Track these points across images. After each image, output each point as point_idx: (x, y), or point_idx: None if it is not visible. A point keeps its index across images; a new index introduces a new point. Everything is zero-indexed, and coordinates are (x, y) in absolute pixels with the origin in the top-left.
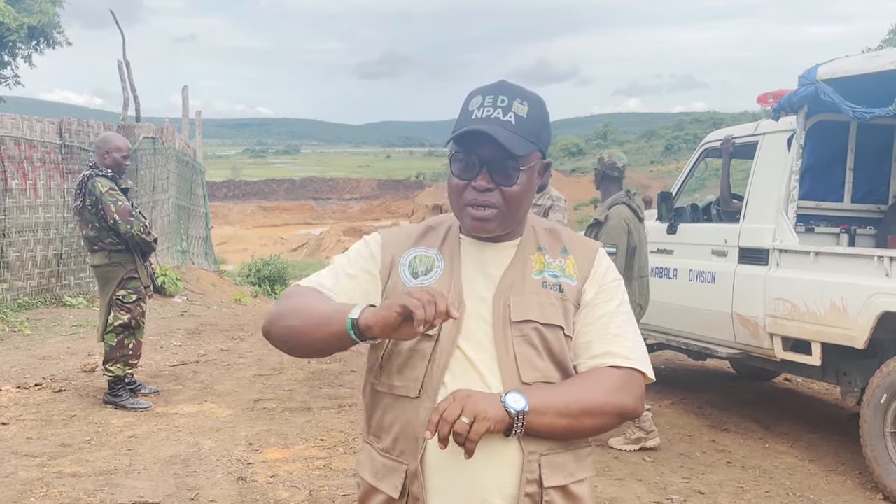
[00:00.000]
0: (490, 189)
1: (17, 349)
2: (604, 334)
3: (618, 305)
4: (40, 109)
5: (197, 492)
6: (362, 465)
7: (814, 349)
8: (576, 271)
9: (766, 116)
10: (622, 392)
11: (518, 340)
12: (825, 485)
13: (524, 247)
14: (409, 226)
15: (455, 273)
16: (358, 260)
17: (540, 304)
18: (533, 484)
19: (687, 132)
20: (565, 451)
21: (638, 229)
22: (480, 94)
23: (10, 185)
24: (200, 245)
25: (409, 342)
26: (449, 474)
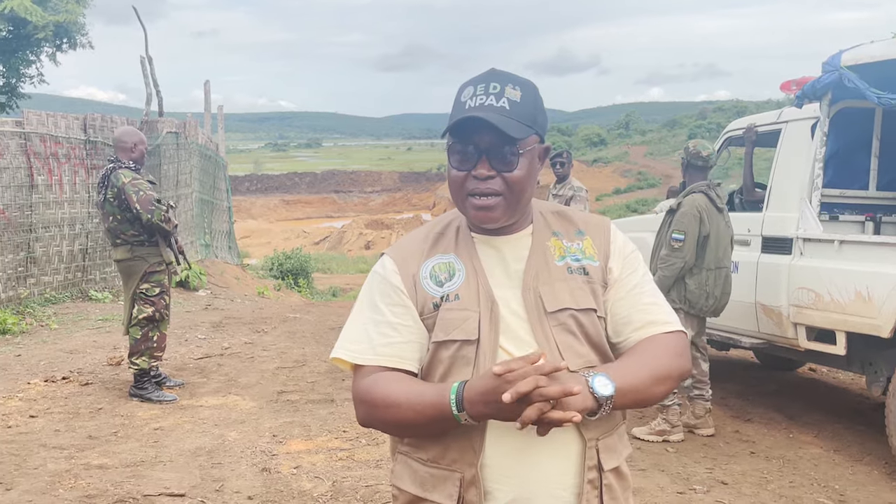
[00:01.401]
0: (491, 176)
1: (45, 343)
2: (639, 305)
3: (642, 275)
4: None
5: (222, 483)
6: (400, 477)
7: (838, 339)
8: (595, 251)
9: (789, 104)
10: (679, 355)
11: (557, 330)
12: (850, 475)
13: (538, 234)
14: (418, 235)
15: (479, 273)
16: (388, 301)
17: (570, 290)
18: (593, 469)
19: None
20: (613, 433)
21: (715, 219)
22: (472, 84)
23: (37, 181)
24: (224, 239)
25: (449, 350)
26: (510, 475)
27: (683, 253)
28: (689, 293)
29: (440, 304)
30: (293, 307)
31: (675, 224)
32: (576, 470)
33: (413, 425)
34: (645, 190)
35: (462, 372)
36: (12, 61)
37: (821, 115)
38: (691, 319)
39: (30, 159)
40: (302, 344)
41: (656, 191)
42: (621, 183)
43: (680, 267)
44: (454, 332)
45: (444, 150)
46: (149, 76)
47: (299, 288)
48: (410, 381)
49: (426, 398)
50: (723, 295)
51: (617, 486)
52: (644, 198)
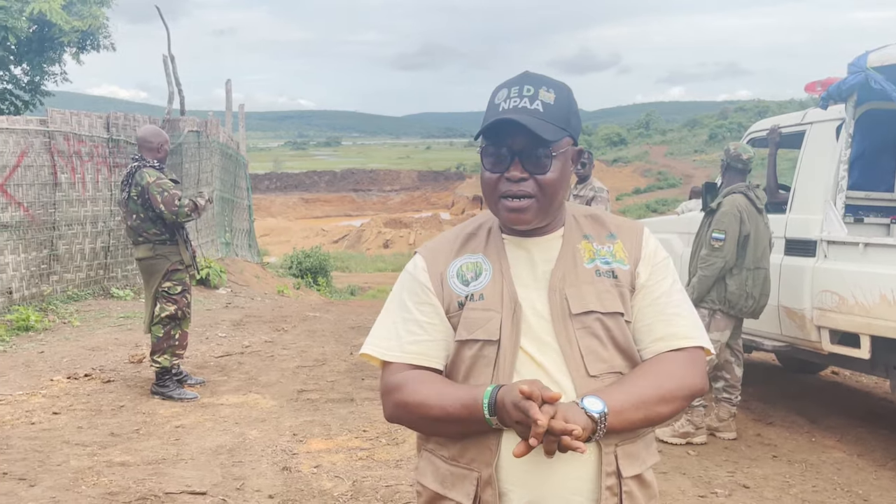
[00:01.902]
0: (524, 179)
1: (67, 340)
2: (663, 315)
3: (671, 283)
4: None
5: (242, 481)
6: (424, 473)
7: (862, 342)
8: (626, 255)
9: (813, 105)
10: (691, 374)
11: (581, 333)
12: (874, 480)
13: (569, 237)
14: (450, 234)
15: (505, 274)
16: (416, 300)
17: (597, 292)
18: (612, 476)
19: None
20: (636, 440)
21: (754, 219)
22: (506, 86)
23: (60, 179)
24: (244, 237)
25: (472, 349)
26: (526, 478)
27: (724, 252)
28: (728, 294)
29: (465, 304)
30: (313, 306)
31: (716, 224)
32: (592, 476)
33: (442, 424)
34: (665, 190)
35: (483, 372)
36: (37, 60)
37: (846, 116)
38: (729, 320)
39: (53, 157)
40: (322, 343)
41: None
42: (641, 183)
43: (720, 266)
44: (477, 331)
45: (474, 147)
46: (171, 74)
47: (318, 286)
48: (441, 381)
49: (457, 399)
50: (762, 296)
51: (639, 495)
52: (664, 198)
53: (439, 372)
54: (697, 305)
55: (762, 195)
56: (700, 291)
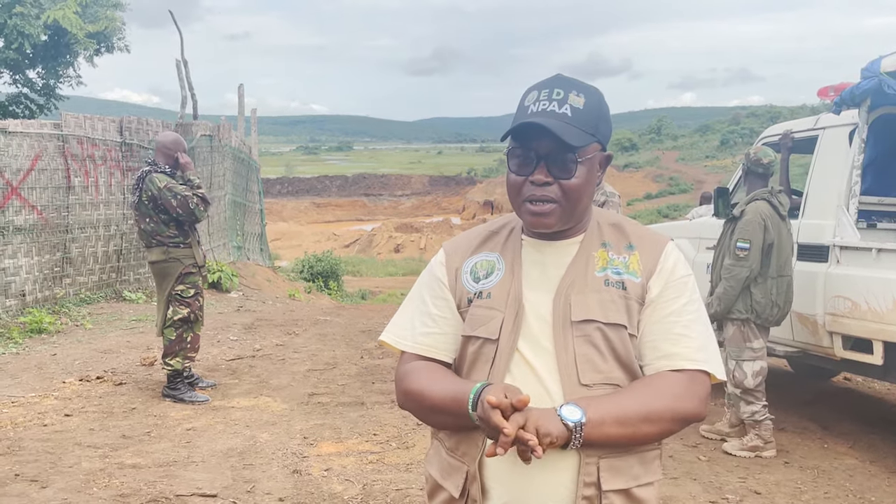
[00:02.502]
0: (548, 183)
1: (80, 343)
2: (669, 334)
3: (685, 304)
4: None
5: (253, 484)
6: (431, 461)
7: (875, 348)
8: (640, 267)
9: (825, 110)
10: (684, 397)
11: (579, 341)
12: (887, 486)
13: (587, 243)
14: (474, 231)
15: (515, 274)
16: (432, 293)
17: (601, 302)
18: (591, 487)
19: (743, 126)
20: (628, 455)
21: (778, 226)
22: (536, 88)
23: (73, 182)
24: (255, 241)
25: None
26: (506, 478)
27: (749, 262)
28: (755, 303)
29: (473, 300)
30: (324, 310)
31: (739, 232)
32: (571, 484)
33: (437, 414)
34: (676, 195)
35: (482, 369)
36: (51, 64)
37: (859, 121)
38: (758, 329)
39: (67, 161)
40: (332, 346)
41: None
42: (653, 188)
43: (746, 276)
44: (479, 329)
45: (486, 153)
46: (184, 79)
47: (329, 290)
48: (442, 372)
49: (449, 392)
50: (786, 303)
51: None
52: (675, 203)
53: (448, 365)
54: (726, 318)
55: (785, 200)
56: (727, 303)
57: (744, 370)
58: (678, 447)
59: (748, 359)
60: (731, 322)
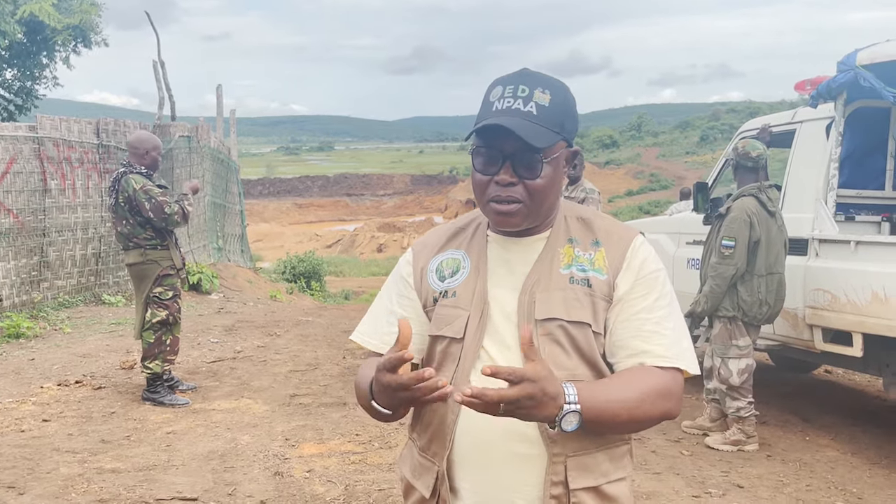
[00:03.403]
0: (513, 183)
1: (58, 347)
2: (640, 332)
3: (655, 299)
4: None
5: (234, 487)
6: (404, 461)
7: (855, 340)
8: (605, 264)
9: (803, 104)
10: (663, 396)
11: (543, 339)
12: (868, 478)
13: (553, 239)
14: (443, 228)
15: (481, 273)
16: (397, 291)
17: (565, 300)
18: (558, 486)
19: (723, 122)
20: (597, 451)
21: (766, 223)
22: (501, 84)
23: (50, 185)
24: (236, 242)
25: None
26: (475, 477)
27: (734, 260)
28: (741, 301)
29: (438, 299)
30: (305, 310)
31: (725, 230)
32: (539, 483)
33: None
34: (658, 191)
35: (448, 368)
36: (28, 64)
37: (836, 114)
38: (746, 327)
39: (43, 164)
40: (314, 347)
41: (669, 192)
42: (634, 185)
43: (732, 274)
44: (445, 328)
45: (467, 151)
46: (161, 80)
47: (311, 291)
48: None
49: (363, 385)
50: (777, 301)
51: None
52: (657, 199)
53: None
54: (713, 316)
55: (775, 195)
56: (713, 301)
57: (729, 368)
58: (661, 442)
59: (734, 356)
60: (718, 319)
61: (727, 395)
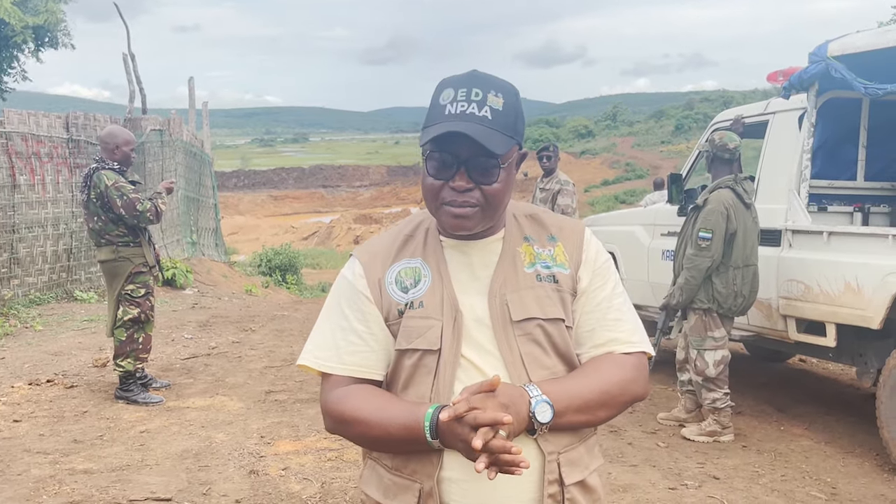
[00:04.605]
0: (469, 189)
1: (29, 345)
2: (604, 321)
3: (612, 287)
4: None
5: (209, 486)
6: (368, 483)
7: (828, 330)
8: (567, 258)
9: (776, 94)
10: (634, 381)
11: (522, 340)
12: (842, 467)
13: (509, 240)
14: (386, 237)
15: (445, 280)
16: (354, 307)
17: (538, 298)
18: (554, 484)
19: (697, 111)
20: (579, 445)
21: (742, 215)
22: (451, 86)
23: (19, 180)
24: (210, 236)
25: (412, 359)
26: (467, 489)
27: (711, 252)
28: (716, 293)
29: (404, 311)
30: (281, 305)
31: (702, 222)
32: (535, 485)
33: (382, 444)
34: (633, 181)
35: (423, 381)
36: None
37: (808, 105)
38: (721, 319)
39: (11, 159)
40: (290, 342)
41: (644, 182)
42: (609, 174)
43: (707, 266)
44: (416, 340)
45: (422, 156)
46: (132, 73)
47: (287, 285)
48: (381, 396)
49: (398, 420)
50: (751, 293)
51: (582, 500)
52: (632, 188)
53: (379, 383)
54: (688, 308)
55: (750, 187)
56: (688, 293)
57: (705, 360)
58: (637, 434)
59: (710, 348)
60: (693, 311)
61: (703, 387)
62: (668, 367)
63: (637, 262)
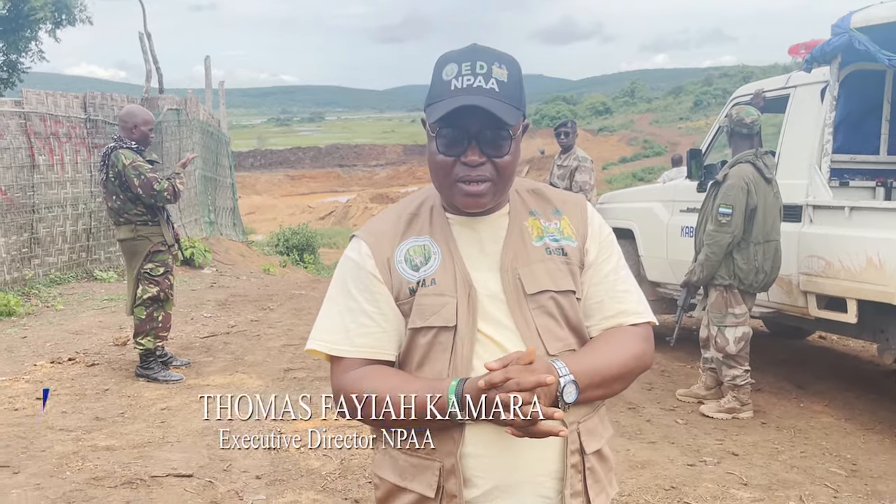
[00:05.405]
0: (482, 163)
1: (51, 324)
2: (614, 292)
3: (618, 260)
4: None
5: (230, 462)
6: (381, 466)
7: (849, 306)
8: (573, 231)
9: (797, 69)
10: (645, 352)
11: (537, 312)
12: (862, 444)
13: (515, 214)
14: (390, 215)
15: (455, 256)
16: (362, 288)
17: (549, 271)
18: (576, 454)
19: (716, 87)
20: (594, 415)
21: (763, 190)
22: (454, 61)
23: (38, 161)
24: (228, 216)
25: (427, 336)
26: (490, 464)
27: (731, 227)
28: (737, 269)
29: (416, 290)
30: (299, 284)
31: (722, 197)
32: (558, 455)
33: (403, 422)
34: (651, 158)
35: (439, 358)
36: (12, 39)
37: (830, 78)
38: (742, 295)
39: (30, 139)
40: (308, 321)
41: (662, 159)
42: (627, 151)
43: (728, 242)
44: (431, 318)
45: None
46: (148, 52)
47: (305, 264)
48: (397, 376)
49: (420, 397)
50: (773, 269)
51: (600, 469)
52: (650, 166)
53: (391, 364)
54: (709, 285)
55: (771, 162)
56: (709, 269)
57: (726, 336)
58: (655, 411)
59: (730, 325)
60: (715, 288)
61: (723, 364)
62: (686, 344)
63: (656, 239)
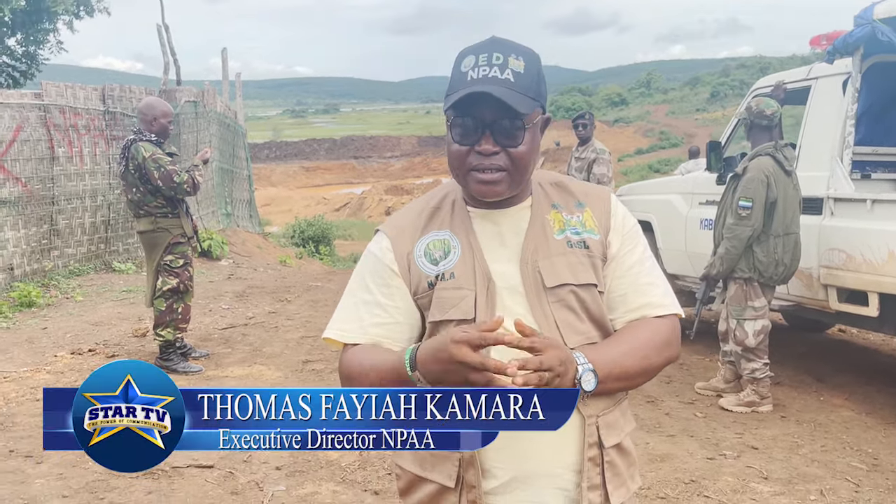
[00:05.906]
0: (496, 152)
1: (71, 315)
2: (637, 285)
3: (642, 252)
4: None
5: (249, 454)
6: (402, 456)
7: (871, 300)
8: (596, 224)
9: (816, 60)
10: (669, 344)
11: (556, 306)
12: (883, 438)
13: (537, 207)
14: (412, 209)
15: (475, 249)
16: (379, 281)
17: (570, 264)
18: (594, 447)
19: (733, 78)
20: (615, 408)
21: (783, 183)
22: (472, 53)
23: (57, 153)
24: (244, 207)
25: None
26: (509, 455)
27: (752, 221)
28: (757, 262)
29: (435, 284)
30: (315, 275)
31: (742, 190)
32: (576, 448)
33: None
34: (667, 150)
35: None
36: (31, 31)
37: (853, 70)
38: (762, 288)
39: (50, 131)
40: (325, 313)
41: (679, 150)
42: (643, 143)
43: (748, 235)
44: (451, 311)
45: (446, 124)
46: (166, 45)
47: (321, 256)
48: (380, 350)
49: (388, 363)
50: (793, 262)
51: (620, 463)
52: (667, 157)
53: None
54: (729, 278)
55: (791, 154)
56: (729, 262)
57: (745, 329)
58: (675, 404)
59: (749, 318)
60: (734, 281)
61: (742, 357)
62: (705, 338)
63: (674, 232)
